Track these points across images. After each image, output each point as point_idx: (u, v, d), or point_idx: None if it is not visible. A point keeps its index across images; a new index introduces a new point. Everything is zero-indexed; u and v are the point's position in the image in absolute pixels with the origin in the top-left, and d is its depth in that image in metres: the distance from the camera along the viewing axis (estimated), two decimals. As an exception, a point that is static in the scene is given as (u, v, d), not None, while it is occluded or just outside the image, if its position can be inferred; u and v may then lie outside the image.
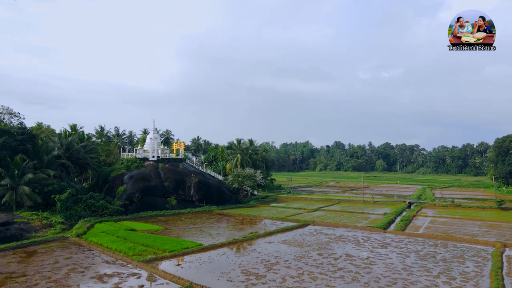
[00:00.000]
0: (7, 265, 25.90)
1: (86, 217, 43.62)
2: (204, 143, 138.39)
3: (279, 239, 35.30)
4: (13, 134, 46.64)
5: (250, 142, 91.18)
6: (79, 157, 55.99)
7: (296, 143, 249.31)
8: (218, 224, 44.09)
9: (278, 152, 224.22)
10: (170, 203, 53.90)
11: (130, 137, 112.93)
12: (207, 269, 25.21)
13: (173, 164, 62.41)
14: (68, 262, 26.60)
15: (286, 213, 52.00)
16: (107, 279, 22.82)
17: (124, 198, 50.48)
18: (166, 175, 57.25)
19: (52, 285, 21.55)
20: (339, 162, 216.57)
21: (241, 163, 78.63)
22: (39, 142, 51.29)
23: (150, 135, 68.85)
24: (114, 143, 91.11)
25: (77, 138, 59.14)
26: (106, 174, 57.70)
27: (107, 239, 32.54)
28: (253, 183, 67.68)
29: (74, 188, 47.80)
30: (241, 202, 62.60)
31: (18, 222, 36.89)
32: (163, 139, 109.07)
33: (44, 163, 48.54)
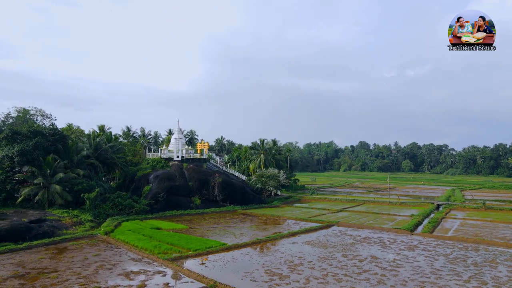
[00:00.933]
0: (39, 261, 26.93)
1: (113, 216, 44.79)
2: (227, 143, 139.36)
3: (302, 239, 35.06)
4: (45, 135, 48.40)
5: (273, 142, 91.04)
6: (107, 157, 57.56)
7: (320, 143, 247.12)
8: (242, 224, 44.25)
9: (302, 152, 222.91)
10: (194, 202, 54.57)
11: (156, 137, 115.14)
12: (230, 269, 25.34)
13: (197, 164, 63.14)
14: (97, 259, 27.38)
15: (309, 214, 51.61)
16: (133, 276, 23.33)
17: (149, 197, 51.51)
18: (191, 175, 57.99)
19: (82, 281, 22.23)
20: (364, 162, 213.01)
21: (264, 163, 78.62)
22: (69, 142, 53.06)
23: (174, 135, 69.94)
24: (140, 143, 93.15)
25: (105, 139, 60.80)
26: (133, 174, 59.04)
27: (134, 237, 33.27)
28: (277, 183, 67.55)
29: (102, 187, 49.16)
30: (265, 202, 62.60)
31: (50, 219, 38.31)
32: (187, 139, 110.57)
33: (74, 162, 50.20)
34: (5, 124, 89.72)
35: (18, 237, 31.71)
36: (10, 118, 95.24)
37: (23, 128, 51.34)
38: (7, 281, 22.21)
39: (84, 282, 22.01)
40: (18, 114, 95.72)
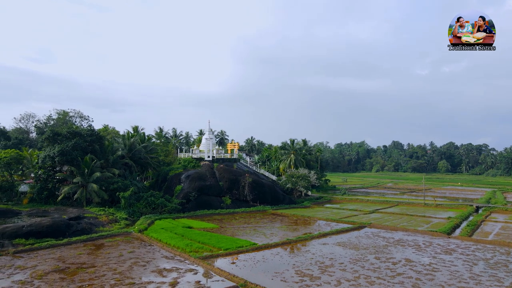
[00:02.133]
0: (78, 256, 28.11)
1: (147, 214, 46.03)
2: (257, 144, 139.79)
3: (333, 240, 34.56)
4: (84, 136, 50.49)
5: (303, 142, 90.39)
6: (141, 157, 59.25)
7: (351, 143, 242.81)
8: (272, 224, 44.22)
9: (333, 152, 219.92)
10: (225, 202, 55.09)
11: (187, 137, 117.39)
12: (261, 268, 25.37)
13: (228, 164, 63.71)
14: (131, 256, 28.22)
15: (341, 215, 50.80)
16: (166, 274, 23.86)
17: (181, 196, 52.52)
18: (221, 175, 58.60)
19: (118, 277, 22.99)
20: (397, 162, 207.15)
21: (294, 164, 78.20)
22: (105, 143, 55.07)
23: (205, 135, 70.97)
24: (172, 143, 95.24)
25: (139, 139, 62.60)
26: (165, 173, 60.41)
27: (166, 236, 34.03)
28: (307, 183, 67.00)
29: (136, 186, 50.65)
30: (295, 203, 62.25)
31: (87, 217, 39.91)
32: (218, 140, 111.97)
33: (109, 162, 52.05)
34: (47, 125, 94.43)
35: (59, 233, 33.25)
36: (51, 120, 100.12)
37: (63, 130, 53.82)
38: (49, 275, 23.34)
39: (119, 278, 22.74)
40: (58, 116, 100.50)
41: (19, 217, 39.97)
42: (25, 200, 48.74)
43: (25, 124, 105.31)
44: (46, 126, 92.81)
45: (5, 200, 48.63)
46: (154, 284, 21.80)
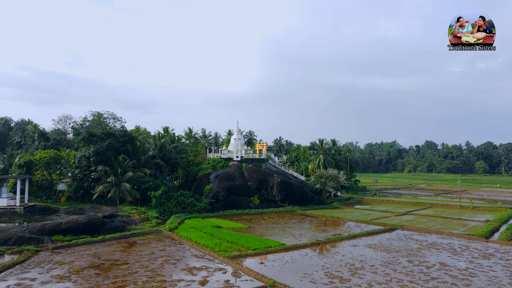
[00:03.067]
0: (112, 253, 29.05)
1: (177, 213, 46.92)
2: (286, 144, 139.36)
3: (364, 242, 33.88)
4: (117, 137, 52.12)
5: (332, 142, 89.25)
6: (171, 157, 60.48)
7: (382, 143, 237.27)
8: (301, 224, 43.92)
9: (363, 152, 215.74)
10: (253, 202, 55.27)
11: (216, 138, 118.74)
12: (289, 269, 25.25)
13: (256, 164, 63.87)
14: (162, 254, 28.85)
15: (371, 216, 49.73)
16: (196, 272, 24.22)
17: (210, 196, 53.17)
18: (250, 175, 58.83)
19: (149, 274, 23.57)
20: (431, 163, 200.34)
21: (323, 164, 77.34)
22: (137, 143, 56.63)
23: (234, 136, 71.46)
24: (201, 144, 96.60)
25: (169, 140, 63.92)
26: (194, 173, 61.35)
27: (196, 235, 34.54)
28: (336, 184, 66.09)
29: (167, 186, 51.75)
30: (324, 203, 61.55)
31: (121, 215, 41.18)
32: (246, 140, 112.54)
33: (141, 162, 53.47)
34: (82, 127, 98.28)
35: (94, 231, 34.50)
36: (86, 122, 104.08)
37: (98, 130, 55.82)
38: (85, 271, 24.26)
39: (151, 275, 23.31)
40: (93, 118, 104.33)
41: (58, 214, 41.81)
42: (63, 198, 50.93)
43: (63, 126, 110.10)
44: (82, 127, 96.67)
45: (44, 198, 51.00)
46: (185, 282, 22.18)
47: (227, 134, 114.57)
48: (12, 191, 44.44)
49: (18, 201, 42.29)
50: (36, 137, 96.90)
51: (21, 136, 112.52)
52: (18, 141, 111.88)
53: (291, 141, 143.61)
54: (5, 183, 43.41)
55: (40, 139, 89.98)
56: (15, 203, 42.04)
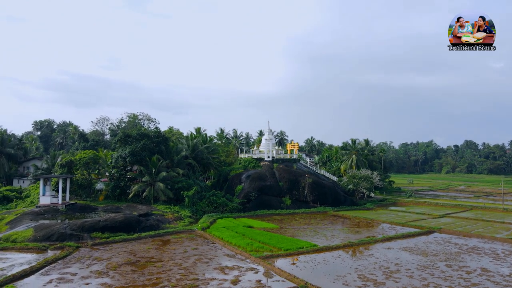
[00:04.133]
0: (147, 250, 29.89)
1: (209, 213, 47.57)
2: (317, 144, 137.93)
3: (399, 245, 32.89)
4: (151, 137, 53.56)
5: (365, 142, 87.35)
6: (203, 157, 61.40)
7: (418, 142, 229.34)
8: (333, 225, 43.29)
9: (397, 152, 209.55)
10: (285, 202, 55.06)
11: (247, 138, 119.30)
12: (322, 271, 24.94)
13: (287, 164, 63.61)
14: (195, 253, 29.33)
15: (407, 218, 48.20)
16: (228, 271, 24.43)
17: (242, 196, 53.50)
18: (281, 175, 58.67)
19: (183, 272, 24.04)
20: (471, 163, 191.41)
21: (356, 164, 75.84)
22: (170, 144, 57.90)
23: (265, 136, 71.56)
24: (233, 144, 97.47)
25: (201, 140, 64.93)
26: (226, 173, 61.96)
27: (228, 234, 34.85)
28: (370, 185, 64.57)
29: (199, 185, 52.58)
30: (357, 204, 60.35)
31: (155, 214, 42.27)
32: (277, 140, 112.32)
33: (174, 162, 54.64)
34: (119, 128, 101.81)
35: (130, 228, 35.64)
36: (123, 123, 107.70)
37: (133, 132, 57.61)
38: (122, 267, 25.11)
39: (184, 273, 23.76)
40: (129, 119, 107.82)
41: (96, 212, 43.52)
42: (101, 197, 52.96)
43: (101, 127, 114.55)
44: (118, 129, 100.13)
45: (84, 197, 53.23)
46: (217, 280, 22.43)
47: (258, 134, 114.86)
48: (54, 190, 46.69)
49: (60, 199, 44.39)
50: (76, 138, 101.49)
51: (62, 137, 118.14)
52: (60, 142, 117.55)
53: (322, 141, 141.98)
54: (48, 182, 45.72)
55: (79, 140, 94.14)
56: (57, 201, 44.15)
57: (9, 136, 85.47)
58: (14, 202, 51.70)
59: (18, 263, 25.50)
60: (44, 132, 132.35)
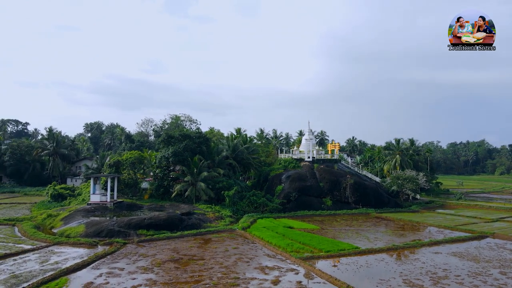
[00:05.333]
0: (189, 248, 30.65)
1: (249, 213, 47.92)
2: (359, 144, 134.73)
3: (448, 250, 31.29)
4: (193, 138, 54.90)
5: (410, 142, 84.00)
6: (243, 157, 61.98)
7: (468, 142, 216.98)
8: (376, 228, 42.04)
9: (445, 152, 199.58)
10: (326, 203, 54.27)
11: (287, 138, 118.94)
12: (364, 274, 24.29)
13: (328, 164, 62.65)
14: (236, 252, 29.66)
15: (456, 222, 45.75)
16: (268, 271, 24.47)
17: (282, 196, 53.39)
18: (322, 176, 57.90)
19: (224, 271, 24.39)
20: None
21: (400, 165, 73.16)
22: (211, 144, 59.00)
23: (305, 136, 70.94)
24: (273, 144, 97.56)
25: (241, 141, 65.55)
26: (266, 174, 62.12)
27: (268, 234, 34.91)
28: (415, 186, 62.01)
29: (239, 185, 53.12)
30: (401, 206, 58.19)
31: (197, 213, 43.26)
32: (318, 140, 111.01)
33: (215, 162, 55.62)
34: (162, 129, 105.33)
35: (173, 227, 36.73)
36: (166, 124, 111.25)
37: (176, 133, 59.33)
38: (165, 264, 25.94)
39: (225, 272, 24.10)
40: (172, 120, 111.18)
41: (141, 210, 45.30)
42: (146, 196, 55.05)
43: (145, 128, 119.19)
44: (162, 130, 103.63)
45: (130, 195, 55.59)
46: (257, 280, 22.53)
47: (298, 134, 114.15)
48: (103, 188, 49.16)
49: (109, 198, 46.66)
50: (123, 139, 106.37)
51: (110, 138, 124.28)
52: (108, 143, 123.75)
53: (364, 141, 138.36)
54: (98, 181, 48.23)
55: (126, 141, 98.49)
56: (106, 199, 46.46)
57: (63, 138, 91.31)
58: (67, 200, 55.08)
59: (72, 257, 27.11)
60: (94, 134, 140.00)
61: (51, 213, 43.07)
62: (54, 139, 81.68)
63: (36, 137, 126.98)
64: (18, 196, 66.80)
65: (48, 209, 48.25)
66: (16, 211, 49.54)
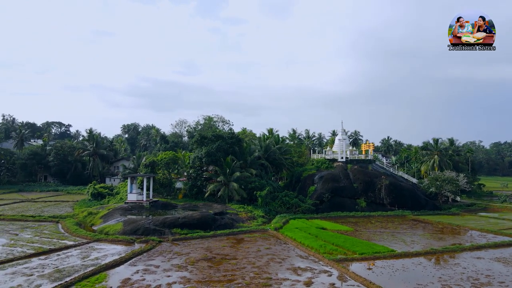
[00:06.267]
0: (222, 248, 31.00)
1: (281, 213, 47.79)
2: (394, 144, 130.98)
3: (491, 255, 29.73)
4: (225, 139, 55.52)
5: (450, 142, 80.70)
6: (275, 158, 61.91)
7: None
8: (413, 230, 40.67)
9: (488, 153, 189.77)
10: (360, 204, 53.16)
11: (319, 138, 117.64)
12: (400, 278, 23.56)
13: (362, 165, 61.34)
14: (268, 252, 29.67)
15: (500, 226, 43.36)
16: (300, 272, 24.29)
17: (314, 197, 52.86)
18: (355, 176, 56.78)
19: (256, 271, 24.47)
20: None
21: (439, 165, 70.40)
22: (243, 145, 59.38)
23: (338, 136, 69.84)
24: (305, 145, 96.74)
25: (273, 141, 65.52)
26: (298, 174, 61.71)
27: (300, 235, 34.65)
28: (455, 188, 59.40)
29: (272, 186, 53.10)
30: (440, 209, 55.92)
31: (229, 213, 43.69)
32: (351, 140, 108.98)
33: (247, 163, 55.92)
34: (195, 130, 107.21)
35: (206, 226, 37.29)
36: (199, 125, 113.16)
37: (208, 133, 60.26)
38: (199, 262, 26.39)
39: (257, 272, 24.17)
40: (205, 121, 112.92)
41: (176, 209, 46.33)
42: (180, 195, 56.26)
43: (179, 129, 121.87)
44: (195, 131, 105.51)
45: (165, 195, 57.04)
46: (290, 281, 22.43)
47: (331, 134, 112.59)
48: (140, 188, 50.74)
49: (145, 197, 48.11)
50: (158, 140, 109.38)
51: (146, 139, 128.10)
52: (144, 143, 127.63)
53: (400, 141, 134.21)
54: (134, 180, 49.85)
55: (161, 142, 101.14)
56: (142, 198, 47.93)
57: (102, 139, 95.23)
58: (106, 198, 57.31)
59: (110, 254, 28.19)
60: (131, 135, 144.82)
61: (92, 211, 44.99)
62: (94, 140, 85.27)
63: (77, 138, 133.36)
64: (62, 194, 70.28)
65: (89, 207, 50.43)
66: (59, 208, 52.17)
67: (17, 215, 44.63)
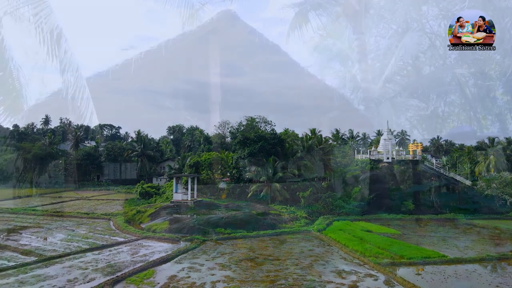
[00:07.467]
0: (265, 248, 31.08)
1: (324, 214, 47.03)
2: (445, 144, 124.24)
3: (556, 264, 27.35)
4: (267, 139, 55.67)
5: (507, 141, 75.26)
6: (318, 158, 61.07)
7: None
8: (466, 235, 38.39)
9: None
10: (407, 207, 51.03)
11: (364, 139, 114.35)
12: (453, 285, 22.32)
13: (409, 166, 58.83)
14: (311, 254, 29.33)
15: None
16: (345, 275, 23.76)
17: (358, 198, 51.51)
18: (402, 178, 54.71)
19: (299, 272, 24.29)
20: None
21: (495, 166, 65.78)
22: (286, 145, 59.19)
23: (384, 136, 67.54)
24: (349, 145, 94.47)
25: (316, 141, 64.58)
26: (342, 175, 60.42)
27: (344, 237, 33.92)
28: (514, 190, 55.28)
29: (314, 187, 52.47)
30: (497, 213, 52.26)
31: (272, 213, 43.72)
32: (397, 140, 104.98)
33: (290, 163, 55.69)
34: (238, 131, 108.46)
35: (249, 226, 37.59)
36: (241, 126, 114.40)
37: (251, 134, 60.71)
38: (242, 262, 26.65)
39: (301, 273, 23.97)
40: (247, 122, 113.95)
41: (219, 209, 47.08)
42: (223, 195, 57.15)
43: (222, 130, 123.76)
44: (238, 132, 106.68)
45: (209, 194, 58.21)
46: (334, 284, 22.02)
47: (376, 134, 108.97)
48: (184, 188, 52.19)
49: (189, 196, 49.39)
50: (201, 141, 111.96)
51: (190, 140, 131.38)
52: (188, 144, 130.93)
53: (451, 141, 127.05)
54: (179, 180, 51.34)
55: (204, 143, 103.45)
56: (187, 198, 49.23)
57: (149, 140, 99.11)
58: (153, 197, 59.54)
59: (157, 251, 29.26)
60: (176, 136, 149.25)
61: (140, 210, 46.94)
62: (142, 142, 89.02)
63: (126, 139, 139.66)
64: (113, 193, 74.09)
65: (137, 205, 52.67)
66: (111, 206, 54.99)
67: (73, 212, 47.69)
